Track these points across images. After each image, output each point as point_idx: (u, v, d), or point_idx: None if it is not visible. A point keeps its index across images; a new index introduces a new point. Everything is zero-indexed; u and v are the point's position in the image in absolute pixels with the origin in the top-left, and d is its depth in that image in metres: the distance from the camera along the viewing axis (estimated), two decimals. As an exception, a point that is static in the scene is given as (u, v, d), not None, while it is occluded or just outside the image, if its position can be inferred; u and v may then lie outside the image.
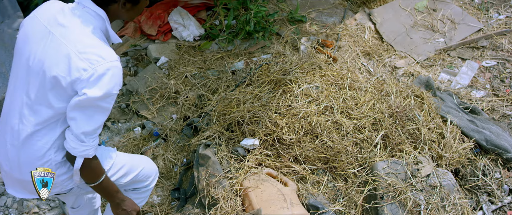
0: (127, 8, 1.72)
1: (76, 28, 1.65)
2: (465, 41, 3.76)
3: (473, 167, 2.81)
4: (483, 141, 2.89)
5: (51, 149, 1.75)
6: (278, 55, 3.58)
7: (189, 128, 3.13)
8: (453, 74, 3.53)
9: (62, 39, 1.63)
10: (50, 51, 1.63)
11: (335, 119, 2.62)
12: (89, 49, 1.61)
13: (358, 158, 2.57)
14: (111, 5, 1.70)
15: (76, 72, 1.59)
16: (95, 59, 1.59)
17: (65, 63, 1.60)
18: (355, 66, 3.59)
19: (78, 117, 1.64)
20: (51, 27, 1.66)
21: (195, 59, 3.69)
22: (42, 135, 1.73)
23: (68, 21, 1.66)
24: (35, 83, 1.67)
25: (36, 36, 1.68)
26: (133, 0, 1.71)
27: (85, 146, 1.69)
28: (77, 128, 1.65)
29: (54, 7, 1.72)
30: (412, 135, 2.71)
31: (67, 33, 1.64)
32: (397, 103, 2.76)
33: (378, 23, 3.96)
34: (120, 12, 1.73)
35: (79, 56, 1.59)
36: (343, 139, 2.57)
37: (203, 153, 2.59)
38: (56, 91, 1.65)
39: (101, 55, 1.61)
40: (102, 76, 1.59)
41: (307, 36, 3.83)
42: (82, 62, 1.59)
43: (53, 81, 1.63)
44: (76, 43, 1.61)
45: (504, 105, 3.28)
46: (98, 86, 1.59)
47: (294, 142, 2.56)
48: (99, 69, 1.59)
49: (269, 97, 2.74)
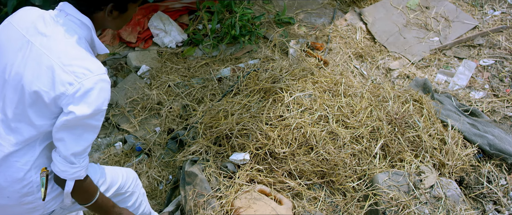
0: (114, 16, 1.59)
1: (60, 38, 1.51)
2: (460, 39, 3.64)
3: (477, 174, 2.68)
4: (487, 146, 2.76)
5: (31, 170, 1.62)
6: (266, 60, 3.41)
7: (174, 142, 2.95)
8: (450, 75, 3.41)
9: (44, 49, 1.49)
10: (29, 63, 1.49)
11: (331, 129, 2.47)
12: (75, 61, 1.48)
13: (356, 171, 2.41)
14: (97, 13, 1.56)
15: (60, 87, 1.45)
16: (82, 72, 1.46)
17: (47, 76, 1.47)
18: (348, 69, 3.44)
19: (66, 137, 1.52)
20: (30, 36, 1.51)
21: (178, 67, 3.51)
22: (21, 155, 1.59)
23: (50, 30, 1.52)
24: (13, 99, 1.53)
25: (12, 46, 1.53)
26: (121, 7, 1.57)
27: (75, 167, 1.58)
28: (66, 149, 1.54)
29: (33, 14, 1.58)
30: (413, 143, 2.57)
31: (49, 43, 1.50)
32: (396, 109, 2.62)
33: (369, 23, 3.82)
34: (106, 21, 1.60)
35: (63, 68, 1.46)
36: (340, 150, 2.41)
37: (189, 170, 2.42)
38: (37, 108, 1.51)
39: (88, 67, 1.48)
40: (90, 91, 1.46)
41: (295, 39, 3.68)
42: (67, 75, 1.45)
43: (33, 96, 1.49)
44: (60, 54, 1.48)
45: (505, 106, 3.16)
46: (86, 103, 1.46)
47: (287, 155, 2.39)
48: (86, 83, 1.46)
49: (258, 107, 2.57)
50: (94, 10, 1.55)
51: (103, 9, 1.55)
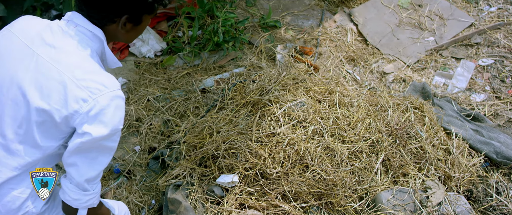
0: (127, 28, 1.47)
1: (71, 50, 1.39)
2: (457, 38, 3.48)
3: (485, 185, 2.51)
4: (493, 154, 2.60)
5: (28, 199, 1.48)
6: (252, 68, 3.21)
7: (156, 162, 2.73)
8: (449, 77, 3.24)
9: (53, 62, 1.36)
10: (36, 77, 1.35)
11: (326, 144, 2.27)
12: (89, 75, 1.36)
13: (357, 190, 2.22)
14: (109, 25, 1.44)
15: (73, 104, 1.33)
16: (96, 88, 1.34)
17: (59, 92, 1.34)
18: (340, 74, 3.26)
19: (79, 162, 1.41)
20: (35, 47, 1.38)
21: (157, 78, 3.29)
22: (18, 182, 1.45)
23: (59, 41, 1.39)
24: (15, 117, 1.39)
25: (12, 57, 1.39)
26: (135, 20, 1.46)
27: (89, 195, 1.48)
28: (79, 175, 1.43)
29: (37, 24, 1.45)
30: (416, 155, 2.39)
31: (59, 56, 1.37)
32: (396, 119, 2.43)
33: (360, 24, 3.64)
34: (118, 33, 1.49)
35: (77, 83, 1.33)
36: (338, 168, 2.22)
37: (172, 197, 2.21)
38: (45, 127, 1.38)
39: (103, 82, 1.36)
40: (105, 109, 1.35)
41: (283, 44, 3.48)
42: (80, 91, 1.33)
43: (42, 114, 1.35)
44: (73, 68, 1.35)
45: (508, 109, 3.00)
46: (102, 122, 1.35)
47: (280, 175, 2.19)
48: (101, 100, 1.34)
49: (246, 122, 2.37)
50: (106, 22, 1.43)
51: (116, 21, 1.44)
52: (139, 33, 1.55)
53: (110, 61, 1.54)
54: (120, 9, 1.41)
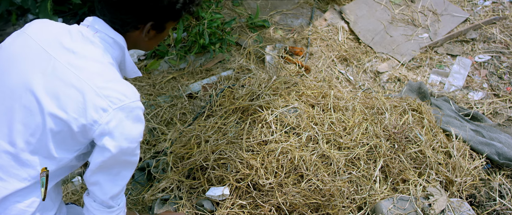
0: (150, 36, 1.43)
1: (91, 56, 1.33)
2: (451, 34, 3.39)
3: (488, 189, 2.42)
4: (495, 155, 2.50)
5: (36, 212, 1.40)
6: (241, 70, 3.09)
7: (142, 174, 2.60)
8: (445, 75, 3.14)
9: (72, 68, 1.29)
10: (53, 83, 1.29)
11: (322, 151, 2.16)
12: (110, 84, 1.30)
13: (355, 199, 2.11)
14: (131, 32, 1.39)
15: (93, 113, 1.27)
16: (117, 97, 1.29)
17: (77, 100, 1.27)
18: (332, 75, 3.14)
19: (102, 179, 1.38)
20: (53, 52, 1.32)
21: (142, 84, 3.15)
22: (25, 194, 1.37)
23: (79, 46, 1.33)
24: (28, 124, 1.30)
25: (28, 61, 1.32)
26: (159, 27, 1.41)
27: (114, 211, 1.45)
28: (103, 193, 1.40)
29: (55, 27, 1.39)
30: (415, 160, 2.29)
31: (79, 62, 1.31)
32: (393, 122, 2.33)
33: (351, 22, 3.53)
34: (140, 41, 1.44)
35: (97, 91, 1.27)
36: (334, 177, 2.11)
37: (159, 213, 2.08)
38: (60, 137, 1.31)
39: (124, 92, 1.31)
40: (125, 121, 1.30)
41: (272, 44, 3.36)
42: (101, 99, 1.27)
43: (58, 123, 1.29)
44: (93, 75, 1.30)
45: (507, 107, 2.91)
46: (123, 134, 1.30)
47: (274, 186, 2.07)
48: (121, 111, 1.29)
49: (236, 130, 2.24)
50: (129, 28, 1.38)
51: (140, 28, 1.38)
52: (159, 41, 1.50)
53: (129, 70, 1.48)
54: (146, 15, 1.35)
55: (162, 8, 1.35)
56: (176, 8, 1.38)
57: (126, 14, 1.35)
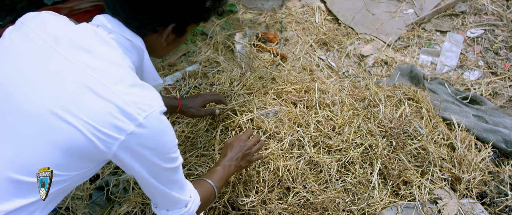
0: (169, 40, 1.28)
1: (110, 58, 1.16)
2: (439, 8, 3.12)
3: (497, 182, 2.17)
4: (502, 143, 2.26)
5: None
6: (208, 64, 2.76)
7: (101, 194, 2.27)
8: (435, 54, 2.87)
9: (89, 70, 1.12)
10: (66, 86, 1.11)
11: (309, 157, 1.86)
12: (134, 89, 1.14)
13: (353, 211, 1.82)
14: (150, 35, 1.24)
15: (118, 122, 1.10)
16: (145, 103, 1.13)
17: (98, 106, 1.10)
18: (312, 62, 2.84)
19: (155, 193, 1.28)
20: (63, 50, 1.13)
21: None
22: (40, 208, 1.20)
23: (94, 46, 1.16)
24: (36, 135, 1.11)
25: (31, 58, 1.14)
26: (181, 30, 1.26)
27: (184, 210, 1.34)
28: (164, 203, 1.31)
29: (62, 20, 1.22)
30: (416, 157, 2.02)
31: (96, 63, 1.13)
32: (389, 116, 2.04)
33: (328, 1, 3.22)
34: (157, 45, 1.28)
35: (122, 98, 1.10)
36: (326, 187, 1.81)
37: None
38: (76, 148, 1.12)
39: (152, 97, 1.16)
40: (156, 128, 1.14)
41: (241, 31, 3.03)
42: (127, 106, 1.10)
43: (73, 134, 1.09)
44: (115, 79, 1.13)
45: (507, 85, 2.67)
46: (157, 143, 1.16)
47: (256, 204, 1.77)
48: (151, 117, 1.13)
49: (207, 140, 1.92)
50: (147, 31, 1.22)
51: (159, 31, 1.23)
52: (177, 47, 1.38)
53: (149, 77, 1.33)
54: (169, 16, 1.20)
55: (189, 8, 1.21)
56: (205, 6, 1.23)
57: (145, 14, 1.19)
